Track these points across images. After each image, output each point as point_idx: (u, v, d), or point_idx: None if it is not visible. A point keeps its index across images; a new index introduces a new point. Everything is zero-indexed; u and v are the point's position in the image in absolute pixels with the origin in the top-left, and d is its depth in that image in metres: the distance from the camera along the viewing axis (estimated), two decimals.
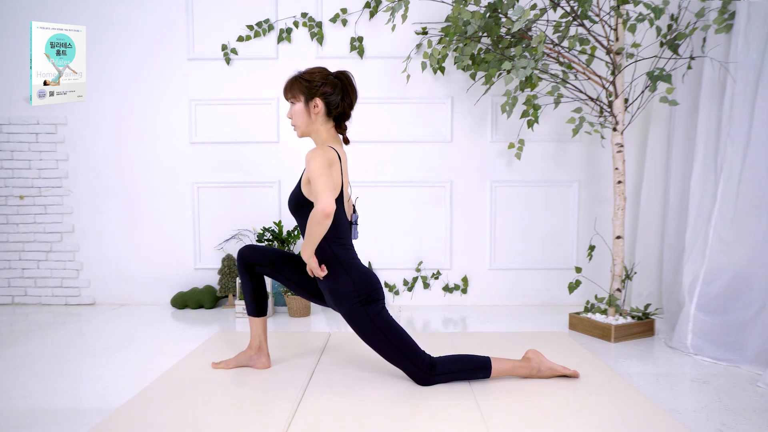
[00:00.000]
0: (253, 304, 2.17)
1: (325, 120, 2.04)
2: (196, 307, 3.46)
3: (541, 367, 2.08)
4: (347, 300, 1.98)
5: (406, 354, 1.99)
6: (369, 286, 1.99)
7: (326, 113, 2.03)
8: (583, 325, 2.86)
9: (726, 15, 2.57)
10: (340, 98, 2.02)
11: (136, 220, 3.57)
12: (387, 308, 2.04)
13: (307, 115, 2.02)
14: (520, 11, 2.50)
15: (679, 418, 1.80)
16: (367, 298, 1.98)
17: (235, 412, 1.80)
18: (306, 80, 2.01)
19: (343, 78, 2.04)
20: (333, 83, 2.01)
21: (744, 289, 2.42)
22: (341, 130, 2.09)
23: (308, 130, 2.05)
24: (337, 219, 1.99)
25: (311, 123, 2.03)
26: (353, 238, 2.09)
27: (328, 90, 2.00)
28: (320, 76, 2.01)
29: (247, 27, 3.43)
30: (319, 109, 2.01)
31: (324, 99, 2.00)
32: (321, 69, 2.04)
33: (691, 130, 2.89)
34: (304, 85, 2.01)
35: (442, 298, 3.56)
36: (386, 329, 1.98)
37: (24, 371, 2.29)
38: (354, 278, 1.98)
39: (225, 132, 3.53)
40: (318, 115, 2.02)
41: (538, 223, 3.54)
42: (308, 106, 2.01)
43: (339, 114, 2.05)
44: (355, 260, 2.04)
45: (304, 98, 2.01)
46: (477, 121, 3.49)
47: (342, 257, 2.01)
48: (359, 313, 1.97)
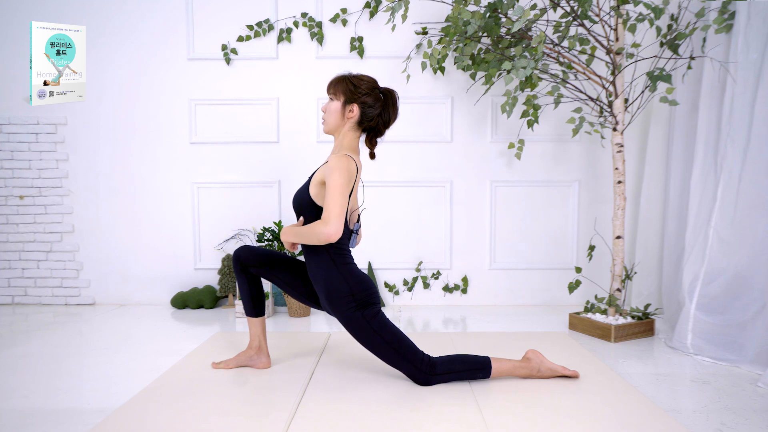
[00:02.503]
0: (251, 305, 2.17)
1: (354, 127, 2.03)
2: (196, 307, 3.46)
3: (541, 367, 2.08)
4: (343, 304, 1.97)
5: (404, 355, 1.99)
6: (365, 290, 1.99)
7: (358, 122, 2.02)
8: (583, 325, 2.86)
9: (726, 15, 2.57)
10: (378, 113, 2.02)
11: (136, 220, 3.57)
12: (383, 311, 2.03)
13: (341, 116, 2.02)
14: (520, 11, 2.50)
15: (679, 418, 1.80)
16: (363, 302, 1.98)
17: (235, 413, 1.80)
18: (353, 83, 2.00)
19: (389, 95, 2.04)
20: (377, 96, 2.02)
21: (744, 289, 2.42)
22: (371, 144, 2.08)
23: (336, 130, 2.05)
24: None
25: (341, 125, 2.03)
26: (351, 246, 2.08)
27: (369, 101, 2.00)
28: (367, 85, 2.01)
29: (247, 27, 3.43)
30: (354, 114, 2.01)
31: (362, 108, 2.00)
32: (371, 79, 2.04)
33: (691, 130, 2.89)
34: (349, 87, 2.00)
35: (442, 298, 3.56)
36: (383, 332, 1.98)
37: (24, 371, 2.29)
38: (349, 282, 1.98)
39: (225, 132, 3.53)
40: (350, 120, 2.02)
41: (538, 223, 3.54)
42: (345, 108, 2.01)
43: (371, 127, 2.05)
44: (350, 264, 2.03)
45: (344, 99, 2.01)
46: (477, 121, 3.49)
47: (338, 261, 2.00)
48: (355, 317, 1.97)
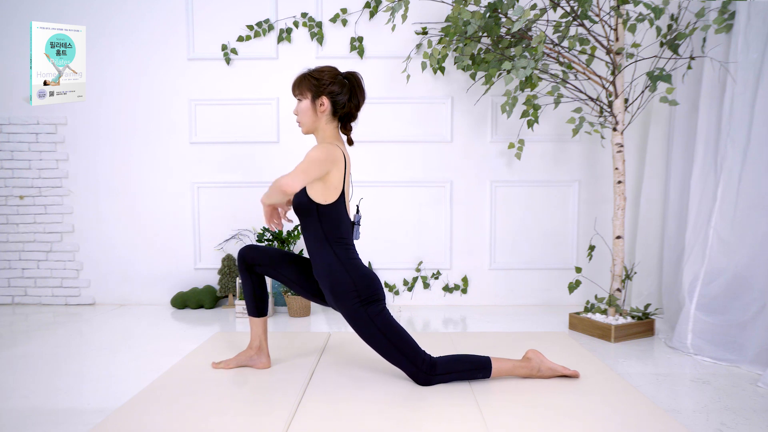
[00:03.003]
0: (254, 305, 2.17)
1: (330, 119, 2.05)
2: (196, 307, 3.46)
3: (542, 367, 2.08)
4: (348, 300, 1.98)
5: (406, 354, 1.99)
6: (370, 287, 1.99)
7: (332, 112, 2.03)
8: (583, 325, 2.86)
9: (726, 15, 2.57)
10: (347, 98, 2.03)
11: (136, 220, 3.57)
12: (388, 309, 2.04)
13: (313, 112, 2.03)
14: (520, 11, 2.50)
15: (679, 418, 1.80)
16: (368, 298, 1.98)
17: (235, 412, 1.80)
18: (315, 78, 2.01)
19: (352, 79, 2.05)
20: (341, 83, 2.02)
21: (744, 289, 2.42)
22: (346, 130, 2.10)
23: (313, 127, 2.06)
24: (338, 219, 2.00)
25: (316, 120, 2.04)
26: (354, 238, 2.09)
27: (335, 89, 2.01)
28: (329, 75, 2.01)
29: (247, 27, 3.43)
30: (325, 107, 2.01)
31: (331, 98, 2.01)
32: (331, 68, 2.04)
33: (691, 130, 2.89)
34: (312, 82, 2.01)
35: (442, 298, 3.56)
36: (386, 329, 1.98)
37: (24, 371, 2.29)
38: (354, 278, 1.98)
39: (225, 132, 3.53)
40: (324, 114, 2.03)
41: (538, 223, 3.54)
42: (315, 103, 2.02)
43: (345, 114, 2.06)
44: (356, 260, 2.04)
45: (311, 96, 2.02)
46: (477, 121, 3.49)
47: (343, 257, 2.01)
48: (360, 314, 1.98)
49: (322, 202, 1.98)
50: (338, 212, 2.00)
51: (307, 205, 2.00)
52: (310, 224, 2.02)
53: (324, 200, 1.98)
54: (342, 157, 1.97)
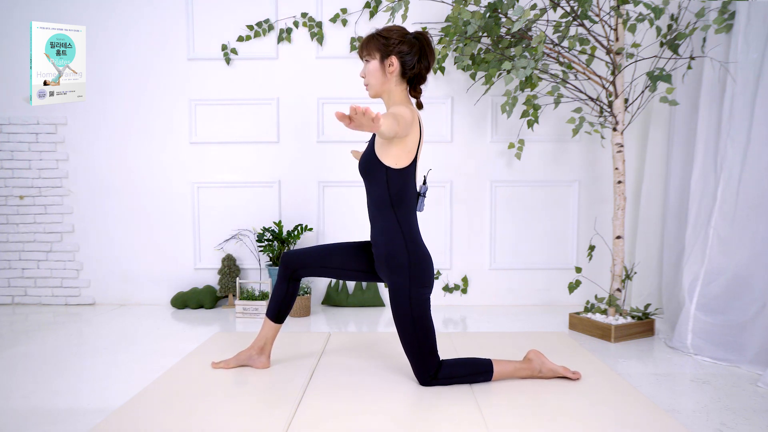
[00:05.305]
0: (277, 310, 2.13)
1: (399, 80, 1.96)
2: (196, 307, 3.46)
3: (543, 368, 2.07)
4: (399, 275, 1.94)
5: (423, 351, 1.96)
6: (423, 269, 1.95)
7: (401, 73, 1.94)
8: (583, 325, 2.86)
9: (726, 15, 2.57)
10: (417, 59, 1.94)
11: (136, 220, 3.57)
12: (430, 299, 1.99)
13: (382, 73, 1.95)
14: (520, 11, 2.50)
15: (679, 418, 1.80)
16: (417, 279, 1.94)
17: (235, 412, 1.80)
18: (383, 37, 1.93)
19: (422, 38, 1.96)
20: (411, 42, 1.94)
21: (744, 289, 2.42)
22: (416, 93, 2.02)
23: (381, 89, 1.97)
24: (405, 186, 1.95)
25: (385, 82, 1.95)
26: (418, 209, 2.03)
27: (404, 49, 1.92)
28: (398, 34, 1.93)
29: (247, 27, 3.43)
30: (395, 68, 1.93)
31: (400, 58, 1.92)
32: (399, 28, 1.97)
33: (691, 130, 2.89)
34: (381, 42, 1.93)
35: (442, 298, 3.56)
36: (419, 320, 1.94)
37: (24, 371, 2.29)
38: (411, 255, 1.94)
39: (225, 132, 3.53)
40: (393, 75, 1.95)
41: (538, 223, 3.54)
42: (383, 64, 1.93)
43: (414, 75, 1.98)
44: (416, 234, 1.99)
45: (379, 56, 1.94)
46: (477, 121, 3.49)
47: (405, 226, 1.96)
48: (403, 292, 1.93)
49: (393, 166, 1.91)
50: (407, 178, 1.94)
51: (377, 166, 1.93)
52: (377, 188, 1.95)
53: (395, 164, 1.91)
54: (418, 120, 1.92)
